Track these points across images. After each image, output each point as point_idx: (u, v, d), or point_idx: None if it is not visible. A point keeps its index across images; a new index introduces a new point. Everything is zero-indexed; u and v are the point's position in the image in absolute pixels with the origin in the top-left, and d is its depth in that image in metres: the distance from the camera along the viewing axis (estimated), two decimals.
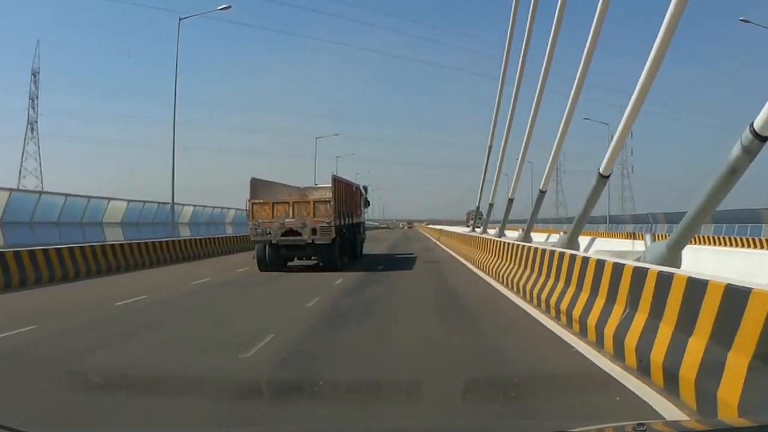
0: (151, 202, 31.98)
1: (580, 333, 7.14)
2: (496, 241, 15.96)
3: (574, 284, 7.91)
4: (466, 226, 67.47)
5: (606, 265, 6.75)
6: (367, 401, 4.87)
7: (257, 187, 17.68)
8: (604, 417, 4.26)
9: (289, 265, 18.15)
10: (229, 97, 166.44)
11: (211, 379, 5.32)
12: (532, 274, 10.43)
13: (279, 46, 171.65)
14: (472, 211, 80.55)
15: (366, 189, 25.50)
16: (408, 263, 21.19)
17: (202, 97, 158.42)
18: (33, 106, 61.90)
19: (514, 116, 20.28)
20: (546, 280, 9.41)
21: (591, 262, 7.36)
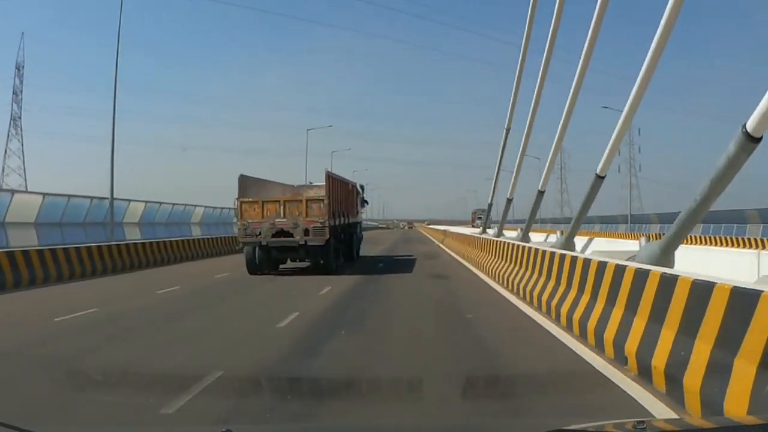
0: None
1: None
2: (526, 249, 11.46)
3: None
4: (471, 226, 63.77)
5: (628, 271, 6.29)
6: None
7: (246, 184, 16.62)
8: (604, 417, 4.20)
9: (281, 268, 17.40)
10: (227, 95, 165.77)
11: None
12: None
13: (277, 42, 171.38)
14: (479, 209, 78.44)
15: (363, 188, 24.71)
16: (408, 265, 20.14)
17: (202, 95, 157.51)
18: (16, 101, 60.20)
19: (539, 101, 17.42)
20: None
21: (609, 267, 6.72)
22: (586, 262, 7.50)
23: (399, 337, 7.61)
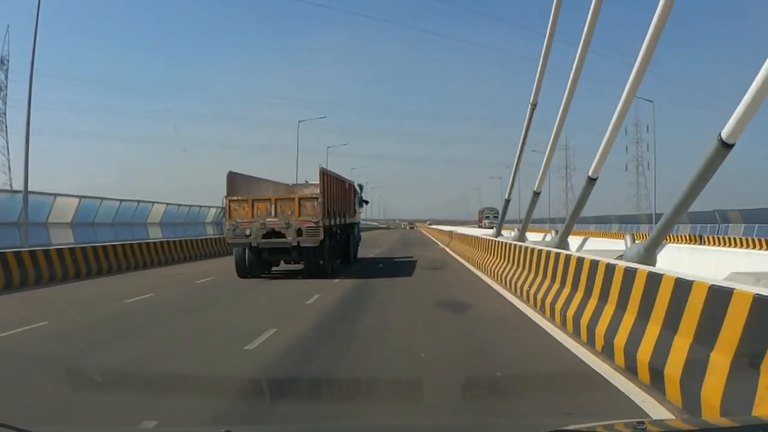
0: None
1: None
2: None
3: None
4: (478, 226, 61.63)
5: (642, 274, 5.88)
6: None
7: (236, 182, 15.79)
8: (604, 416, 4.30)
9: (274, 270, 16.80)
10: (227, 92, 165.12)
11: None
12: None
13: (277, 41, 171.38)
14: (486, 208, 77.07)
15: (362, 187, 23.87)
16: (408, 268, 19.12)
17: (200, 92, 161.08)
18: (1, 97, 58.66)
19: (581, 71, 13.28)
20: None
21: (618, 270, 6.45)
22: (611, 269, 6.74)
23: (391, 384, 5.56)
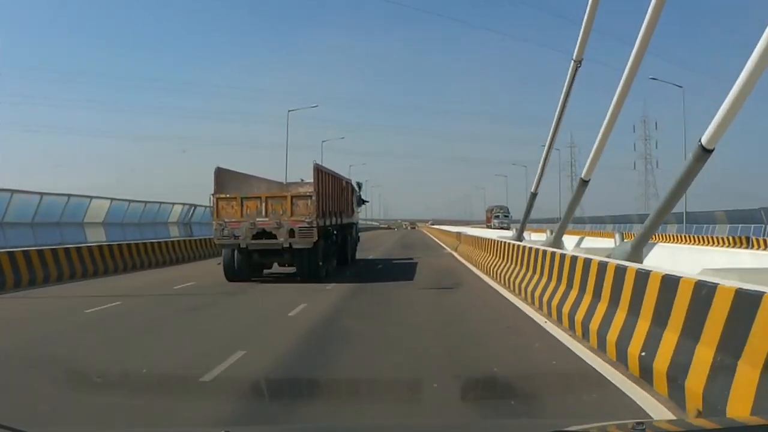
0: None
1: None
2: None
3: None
4: (487, 226, 59.06)
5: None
6: None
7: (224, 178, 15.00)
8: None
9: (266, 273, 16.01)
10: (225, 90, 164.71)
11: None
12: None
13: (273, 31, 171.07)
14: (496, 206, 73.06)
15: (360, 185, 23.14)
16: (409, 271, 18.13)
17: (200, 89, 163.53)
18: None
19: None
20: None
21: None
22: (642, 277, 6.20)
23: None
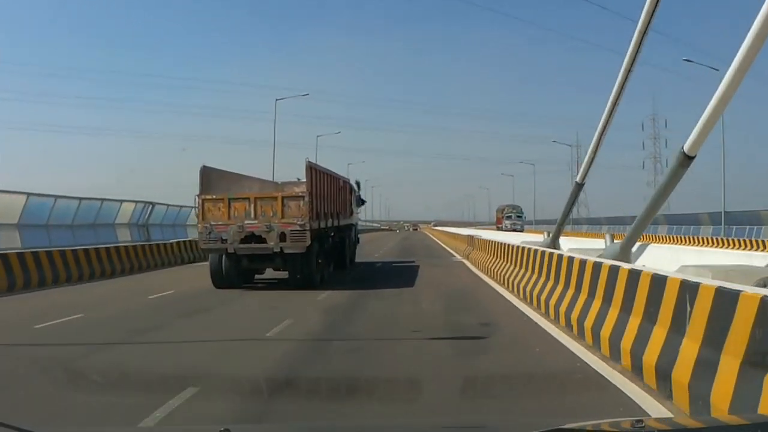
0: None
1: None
2: None
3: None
4: (497, 228, 56.21)
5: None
6: None
7: (211, 178, 14.05)
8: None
9: (257, 279, 15.19)
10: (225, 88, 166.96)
11: None
12: None
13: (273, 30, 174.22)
14: (508, 206, 66.35)
15: (359, 185, 22.32)
16: (410, 276, 17.02)
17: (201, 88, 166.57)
18: None
19: None
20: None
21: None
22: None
23: None
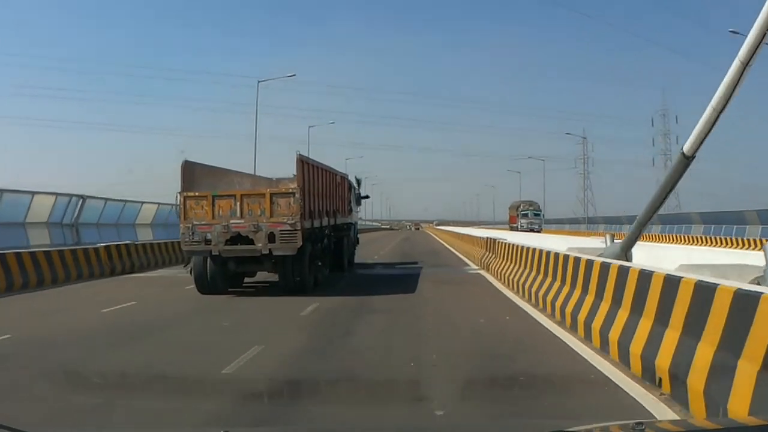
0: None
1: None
2: None
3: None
4: (510, 228, 52.15)
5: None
6: None
7: (194, 173, 12.99)
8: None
9: (247, 282, 14.18)
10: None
11: None
12: None
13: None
14: (524, 201, 61.15)
15: (359, 181, 21.06)
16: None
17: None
18: None
19: None
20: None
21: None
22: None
23: None
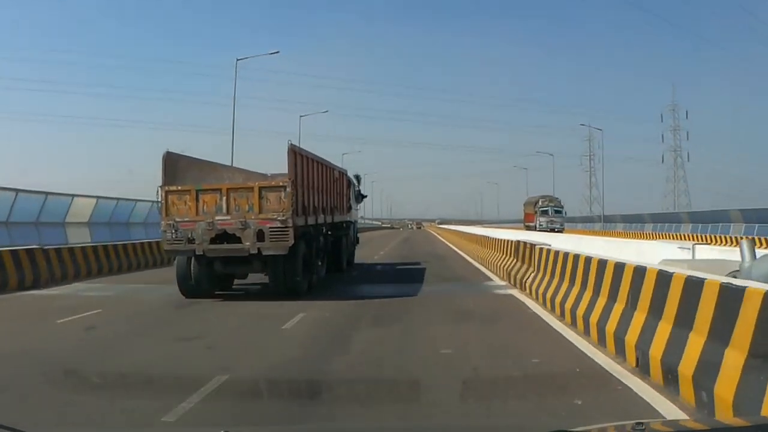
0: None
1: None
2: None
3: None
4: (525, 228, 47.02)
5: None
6: None
7: (177, 167, 12.02)
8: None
9: (237, 284, 13.07)
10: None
11: None
12: None
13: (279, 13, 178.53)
14: (544, 197, 51.63)
15: (359, 178, 20.54)
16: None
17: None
18: None
19: None
20: None
21: None
22: None
23: None
